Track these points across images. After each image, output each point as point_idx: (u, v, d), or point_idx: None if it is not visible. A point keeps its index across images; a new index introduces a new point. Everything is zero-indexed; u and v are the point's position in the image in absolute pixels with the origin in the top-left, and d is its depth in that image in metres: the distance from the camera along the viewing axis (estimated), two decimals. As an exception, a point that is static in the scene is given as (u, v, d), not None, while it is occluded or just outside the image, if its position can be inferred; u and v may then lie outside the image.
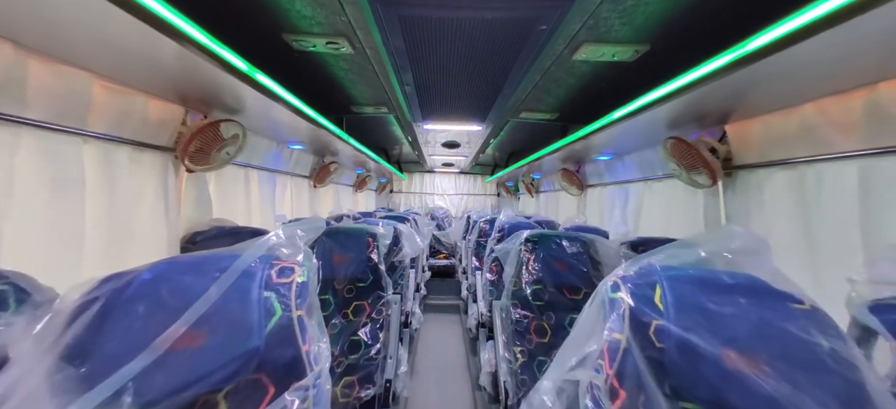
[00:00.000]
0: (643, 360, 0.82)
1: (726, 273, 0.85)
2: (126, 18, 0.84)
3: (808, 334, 0.72)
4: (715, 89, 1.31)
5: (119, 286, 0.76)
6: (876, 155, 1.08)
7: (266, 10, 1.35)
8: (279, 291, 0.87)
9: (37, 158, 1.08)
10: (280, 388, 0.82)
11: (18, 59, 1.00)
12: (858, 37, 0.92)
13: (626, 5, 1.20)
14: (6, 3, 0.82)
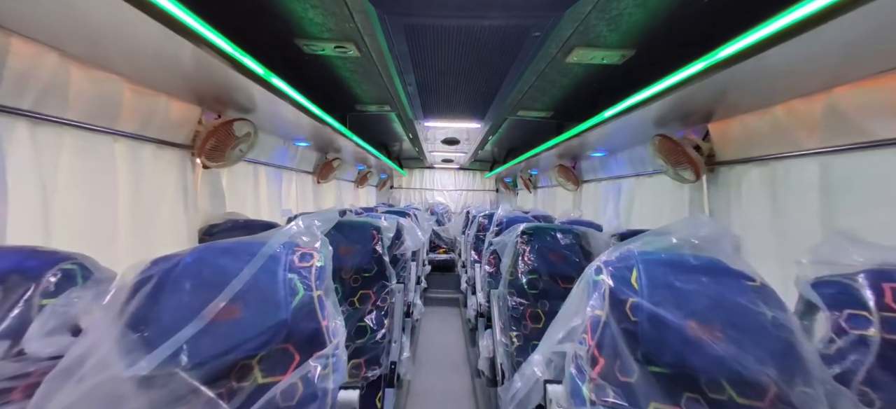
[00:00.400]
0: (619, 332, 0.95)
1: (692, 256, 0.97)
2: (153, 25, 0.93)
3: (756, 306, 0.84)
4: (697, 90, 1.43)
5: (168, 267, 0.88)
6: (833, 153, 1.21)
7: (281, 17, 1.46)
8: (301, 273, 0.99)
9: (77, 155, 1.20)
10: (304, 356, 0.94)
11: (63, 67, 1.11)
12: (818, 46, 1.03)
13: (612, 15, 1.31)
14: (54, 15, 0.93)
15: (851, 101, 1.13)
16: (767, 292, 0.87)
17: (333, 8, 1.36)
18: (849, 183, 1.16)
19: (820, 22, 0.94)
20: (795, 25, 0.99)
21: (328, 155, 3.76)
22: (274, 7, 1.40)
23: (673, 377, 0.89)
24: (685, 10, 1.31)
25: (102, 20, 0.94)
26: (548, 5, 1.21)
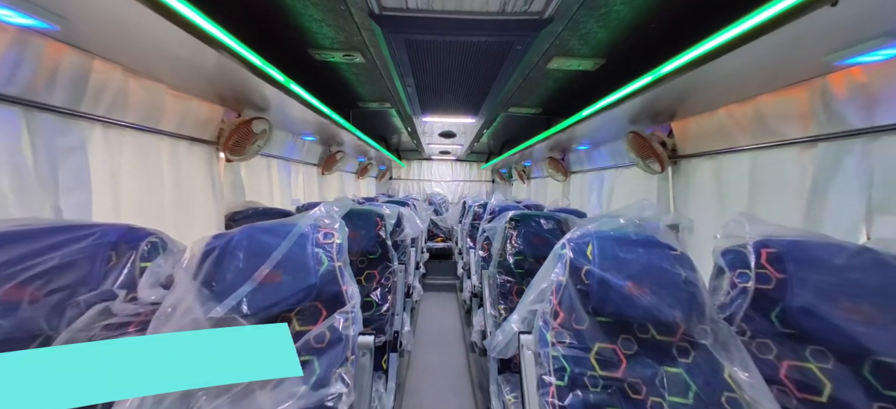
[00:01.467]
0: (576, 292, 1.22)
1: (634, 233, 1.24)
2: (190, 39, 1.11)
3: (674, 269, 1.11)
4: (660, 93, 1.68)
5: (225, 241, 1.14)
6: (758, 149, 1.47)
7: (298, 31, 1.69)
8: (325, 248, 1.25)
9: (135, 152, 1.45)
10: (330, 311, 1.21)
11: (124, 79, 1.35)
12: (748, 61, 1.26)
13: (581, 32, 1.56)
14: (120, 37, 1.16)
15: (769, 108, 1.39)
16: (683, 258, 1.14)
17: (344, 25, 1.59)
18: (764, 174, 1.43)
19: (749, 40, 1.16)
20: (733, 40, 1.22)
21: (332, 148, 4.00)
22: (292, 22, 1.63)
23: (613, 324, 1.16)
24: (643, 30, 1.55)
25: (154, 37, 1.16)
26: (525, 26, 1.45)
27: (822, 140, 1.23)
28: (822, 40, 0.98)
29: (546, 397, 1.13)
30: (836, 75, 1.13)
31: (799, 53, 1.07)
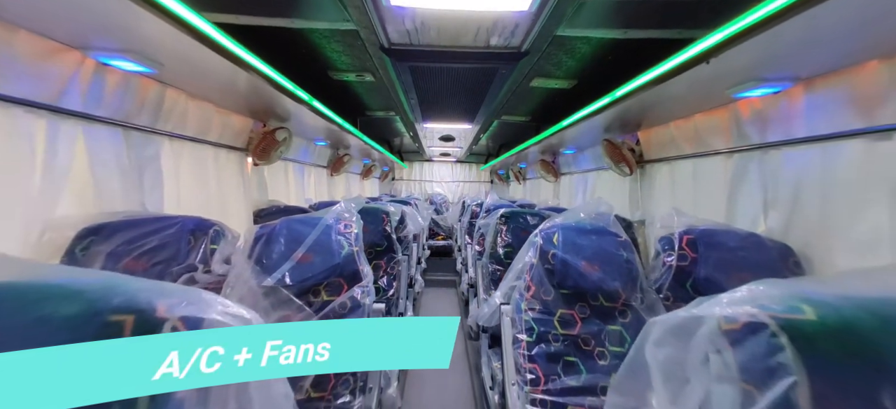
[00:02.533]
0: (543, 270, 1.55)
1: (589, 224, 1.57)
2: (229, 66, 1.42)
3: (618, 251, 1.45)
4: (622, 109, 2.00)
5: (269, 230, 1.48)
6: (697, 157, 1.80)
7: (320, 57, 2.03)
8: (346, 236, 1.59)
9: (191, 160, 1.79)
10: (350, 285, 1.54)
11: (186, 102, 1.69)
12: (681, 88, 1.59)
13: (554, 62, 1.89)
14: (189, 71, 1.48)
15: (703, 125, 1.72)
16: (626, 243, 1.47)
17: (358, 54, 1.93)
18: (703, 177, 1.76)
19: (688, 67, 1.47)
20: (663, 75, 1.55)
21: (340, 151, 4.33)
22: (317, 52, 1.97)
23: (572, 295, 1.50)
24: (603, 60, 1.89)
25: (210, 69, 1.47)
26: (506, 57, 1.78)
27: (735, 152, 1.56)
28: (722, 79, 1.32)
29: (519, 349, 1.47)
30: (743, 103, 1.46)
31: (710, 87, 1.41)
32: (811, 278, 0.56)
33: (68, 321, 0.44)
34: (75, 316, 0.44)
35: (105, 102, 1.26)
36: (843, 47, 1.03)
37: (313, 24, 1.56)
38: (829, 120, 1.16)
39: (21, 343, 0.41)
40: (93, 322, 0.44)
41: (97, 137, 1.27)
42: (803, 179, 1.28)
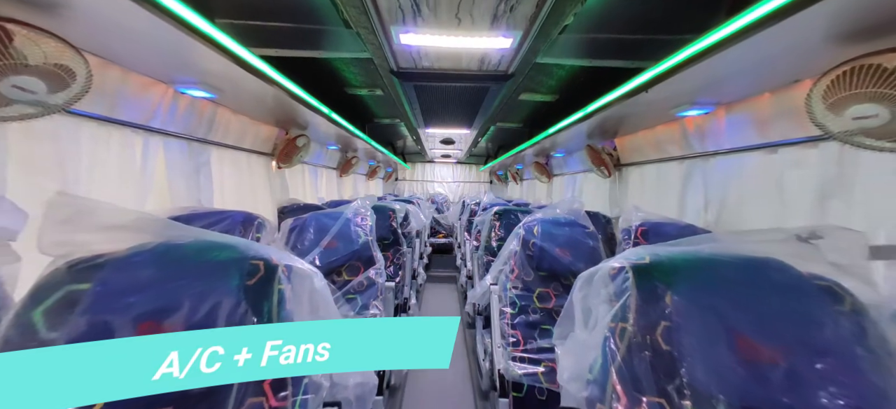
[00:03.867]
0: (525, 256, 1.89)
1: (563, 218, 1.91)
2: (263, 85, 1.79)
3: (585, 240, 1.78)
4: (597, 120, 2.34)
5: (301, 223, 1.82)
6: (659, 162, 2.14)
7: (339, 77, 2.38)
8: (362, 228, 1.93)
9: (231, 165, 2.14)
10: (366, 268, 1.89)
11: (230, 117, 2.04)
12: (640, 106, 1.92)
13: (536, 81, 2.23)
14: (238, 93, 1.82)
15: (662, 135, 2.05)
16: (593, 233, 1.81)
17: (371, 75, 2.27)
18: (664, 179, 2.10)
19: (632, 95, 1.83)
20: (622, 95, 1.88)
21: (348, 154, 4.69)
22: (337, 73, 2.32)
23: (548, 276, 1.83)
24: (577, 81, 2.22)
25: (250, 89, 1.83)
26: (495, 78, 2.12)
27: (684, 159, 1.90)
28: (666, 101, 1.65)
29: (504, 320, 1.81)
30: (688, 119, 1.79)
31: (660, 106, 1.75)
32: (662, 244, 0.87)
33: (228, 263, 0.78)
34: (232, 260, 0.78)
35: (177, 121, 1.62)
36: (746, 82, 1.36)
37: (336, 54, 1.91)
38: (742, 136, 1.50)
39: (202, 274, 0.75)
40: (241, 264, 0.78)
41: (171, 149, 1.62)
42: (728, 182, 1.62)
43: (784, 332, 0.65)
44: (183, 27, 0.99)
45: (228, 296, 0.72)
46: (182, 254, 0.77)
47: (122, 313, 0.66)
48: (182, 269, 0.74)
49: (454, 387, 2.48)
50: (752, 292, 0.70)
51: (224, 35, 1.19)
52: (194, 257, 0.78)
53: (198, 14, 1.01)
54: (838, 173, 1.12)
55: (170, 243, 0.77)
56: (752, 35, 0.97)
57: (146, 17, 0.90)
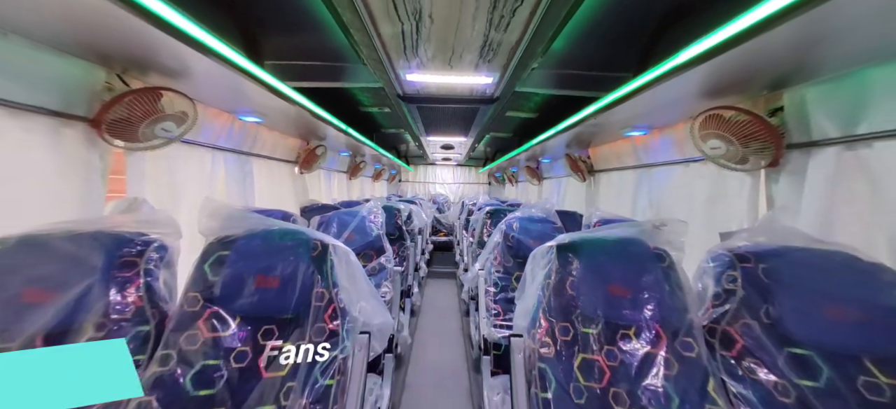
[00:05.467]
0: (505, 247, 2.35)
1: (538, 216, 2.37)
2: (288, 105, 2.30)
3: (553, 234, 2.24)
4: (570, 134, 2.80)
5: (327, 219, 2.29)
6: (620, 170, 2.59)
7: (355, 99, 2.85)
8: (375, 223, 2.40)
9: (266, 171, 2.61)
10: (378, 256, 2.36)
11: (265, 132, 2.51)
12: (600, 125, 2.39)
13: (517, 102, 2.69)
14: (276, 116, 2.30)
15: (621, 148, 2.51)
16: (560, 227, 2.26)
17: (382, 98, 2.74)
18: (623, 185, 2.55)
19: (590, 118, 2.30)
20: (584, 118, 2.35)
21: (357, 159, 5.16)
22: (353, 96, 2.79)
23: (523, 262, 2.28)
24: (551, 103, 2.68)
25: (282, 110, 2.31)
26: (483, 101, 2.58)
27: (636, 168, 2.35)
28: (616, 124, 2.11)
29: (488, 297, 2.27)
30: (636, 138, 2.25)
31: (611, 126, 2.20)
32: (579, 232, 1.32)
33: (300, 242, 1.24)
34: (302, 240, 1.24)
35: (233, 140, 2.09)
36: (662, 115, 1.82)
37: (354, 84, 2.38)
38: (669, 153, 1.96)
39: (287, 248, 1.21)
40: (308, 243, 1.24)
41: (229, 161, 2.09)
42: (662, 187, 2.07)
43: (632, 279, 1.11)
44: (244, 75, 1.45)
45: (304, 261, 1.19)
46: (274, 236, 1.23)
47: (247, 269, 1.12)
48: (276, 245, 1.21)
49: (452, 362, 2.92)
50: (619, 257, 1.16)
51: (270, 76, 1.65)
52: (281, 238, 1.25)
53: (253, 62, 1.46)
54: (717, 184, 1.57)
55: (267, 229, 1.23)
56: (657, 85, 1.41)
57: (225, 72, 1.36)
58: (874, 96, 1.04)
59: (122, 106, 1.26)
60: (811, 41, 1.01)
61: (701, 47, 1.09)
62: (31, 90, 1.08)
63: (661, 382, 1.03)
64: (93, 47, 1.14)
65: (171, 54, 1.24)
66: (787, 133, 1.30)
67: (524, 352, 1.17)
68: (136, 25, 1.00)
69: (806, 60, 1.13)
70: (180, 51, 1.19)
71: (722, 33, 1.03)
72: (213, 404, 0.98)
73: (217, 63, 1.26)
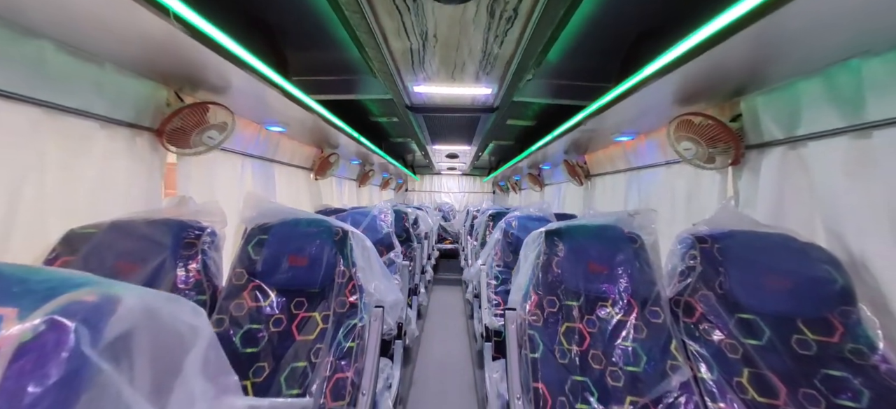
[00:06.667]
0: (504, 243, 2.56)
1: (535, 215, 2.57)
2: (305, 113, 2.56)
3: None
4: (569, 139, 3.00)
5: (341, 218, 2.51)
6: (614, 173, 2.78)
7: (366, 109, 3.10)
8: (384, 222, 2.62)
9: (286, 177, 2.86)
10: (388, 251, 2.57)
11: (285, 141, 2.76)
12: (593, 130, 2.59)
13: (516, 112, 2.91)
14: (295, 126, 2.55)
15: (614, 153, 2.70)
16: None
17: (391, 109, 2.98)
18: (616, 187, 2.74)
19: (580, 125, 2.51)
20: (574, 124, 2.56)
21: (365, 167, 5.41)
22: (365, 107, 3.04)
23: (522, 257, 2.48)
24: (548, 111, 2.90)
25: (299, 119, 2.56)
26: (484, 110, 2.81)
27: (627, 171, 2.55)
28: (607, 129, 2.31)
29: (490, 289, 2.46)
30: (627, 142, 2.45)
31: (602, 132, 2.41)
32: (566, 221, 1.52)
33: (324, 229, 1.45)
34: (326, 228, 1.46)
35: (260, 148, 2.33)
36: (645, 120, 2.02)
37: (367, 96, 2.62)
38: (654, 156, 2.15)
39: (313, 234, 1.43)
40: (332, 229, 1.46)
41: (256, 167, 2.34)
42: (650, 188, 2.26)
43: (608, 258, 1.31)
44: (275, 88, 1.69)
45: (328, 244, 1.40)
46: (303, 224, 1.45)
47: (282, 250, 1.34)
48: (304, 231, 1.42)
49: (458, 355, 3.08)
50: (597, 240, 1.36)
51: (295, 88, 1.89)
52: (308, 225, 1.47)
53: (282, 77, 1.70)
54: (693, 182, 1.76)
55: (297, 218, 1.46)
56: (635, 92, 1.61)
57: (258, 86, 1.60)
58: (806, 103, 1.23)
59: (179, 118, 1.50)
60: (759, 56, 1.22)
61: (668, 58, 1.30)
62: (116, 107, 1.33)
63: (631, 344, 1.21)
64: (159, 69, 1.39)
65: (217, 73, 1.48)
66: (744, 136, 1.49)
67: (517, 322, 1.36)
68: (192, 50, 1.24)
69: (756, 72, 1.33)
70: (224, 70, 1.44)
71: (684, 46, 1.24)
72: (258, 359, 1.19)
73: (252, 78, 1.50)
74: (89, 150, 1.26)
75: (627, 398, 1.14)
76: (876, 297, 1.09)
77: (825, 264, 1.14)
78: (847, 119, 1.16)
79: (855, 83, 1.11)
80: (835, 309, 1.10)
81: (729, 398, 1.08)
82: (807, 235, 1.20)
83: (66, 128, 1.19)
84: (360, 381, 1.26)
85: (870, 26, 0.96)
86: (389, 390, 1.80)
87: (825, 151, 1.23)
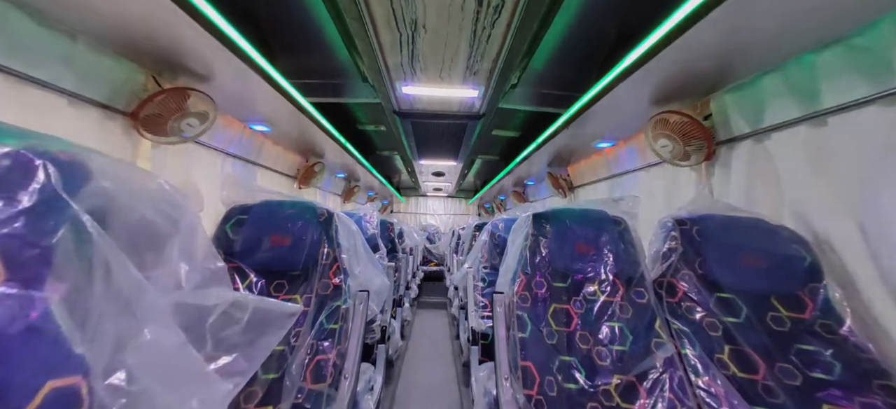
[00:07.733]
0: (491, 245, 2.56)
1: (519, 219, 2.59)
2: (301, 118, 2.56)
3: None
4: (551, 150, 3.09)
5: (326, 220, 2.47)
6: (596, 182, 2.86)
7: (353, 115, 3.13)
8: (370, 224, 2.59)
9: (268, 182, 2.81)
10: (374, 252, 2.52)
11: (269, 143, 2.73)
12: (574, 137, 2.68)
13: (501, 121, 2.99)
14: (280, 127, 2.54)
15: (596, 162, 2.79)
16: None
17: (379, 115, 3.02)
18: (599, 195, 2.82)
19: (559, 132, 2.59)
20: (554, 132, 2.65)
21: (351, 183, 5.38)
22: (352, 112, 3.06)
23: (508, 261, 2.47)
24: (532, 121, 3.00)
25: (289, 122, 2.56)
26: (470, 117, 2.88)
27: (609, 178, 2.63)
28: (588, 136, 2.40)
29: (477, 291, 2.43)
30: (607, 150, 2.54)
31: (585, 138, 2.50)
32: (553, 208, 1.56)
33: (309, 209, 1.42)
34: (311, 208, 1.43)
35: (242, 148, 2.30)
36: (623, 126, 2.12)
37: (355, 100, 2.65)
38: (634, 161, 2.23)
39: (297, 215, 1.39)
40: (317, 211, 1.43)
41: (237, 167, 2.29)
42: (632, 191, 2.33)
43: (593, 239, 1.32)
44: (259, 73, 1.69)
45: (313, 224, 1.37)
46: (285, 206, 1.42)
47: (263, 231, 1.30)
48: (287, 212, 1.39)
49: (442, 377, 2.94)
50: (583, 222, 1.38)
51: (282, 78, 1.89)
52: (292, 207, 1.43)
53: (269, 63, 1.70)
54: (671, 181, 1.83)
55: (281, 200, 1.42)
56: (613, 90, 1.68)
57: (242, 74, 1.59)
58: (767, 97, 1.33)
59: (156, 103, 1.47)
60: (723, 49, 1.30)
61: (639, 52, 1.38)
62: (87, 84, 1.29)
63: (617, 323, 1.21)
64: (138, 49, 1.37)
65: (199, 58, 1.48)
66: (715, 132, 1.58)
67: (504, 304, 1.34)
68: (174, 26, 1.22)
69: (722, 69, 1.43)
70: (208, 55, 1.43)
71: (652, 38, 1.32)
72: (231, 340, 1.12)
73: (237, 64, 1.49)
74: (52, 126, 1.20)
75: (614, 375, 1.12)
76: (839, 273, 1.14)
77: (794, 243, 1.19)
78: (804, 109, 1.25)
79: (810, 75, 1.20)
80: (805, 286, 1.14)
81: (711, 373, 1.08)
82: (776, 220, 1.26)
83: (28, 98, 1.13)
84: (342, 364, 1.20)
85: (818, 20, 1.06)
86: (371, 392, 1.71)
87: (788, 140, 1.31)
